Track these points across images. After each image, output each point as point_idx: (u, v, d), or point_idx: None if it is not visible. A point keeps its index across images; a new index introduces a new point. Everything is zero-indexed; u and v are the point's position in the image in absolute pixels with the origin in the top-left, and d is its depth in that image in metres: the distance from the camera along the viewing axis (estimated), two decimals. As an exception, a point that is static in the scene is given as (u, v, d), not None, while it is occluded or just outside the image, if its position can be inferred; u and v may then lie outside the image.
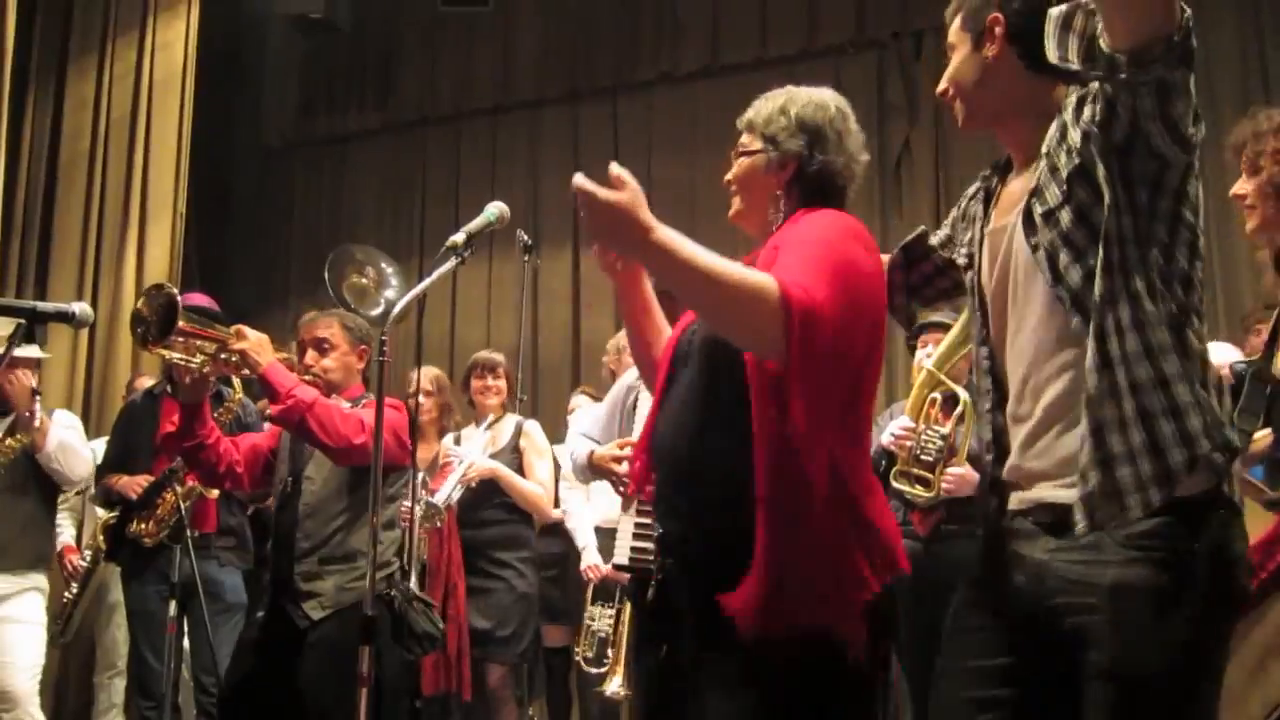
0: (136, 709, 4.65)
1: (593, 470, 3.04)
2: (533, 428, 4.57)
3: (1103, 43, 1.60)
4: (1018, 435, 1.81)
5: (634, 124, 6.99)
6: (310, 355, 3.47)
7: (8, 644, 3.86)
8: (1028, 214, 1.75)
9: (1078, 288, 1.69)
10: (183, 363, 3.16)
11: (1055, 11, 1.69)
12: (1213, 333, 4.90)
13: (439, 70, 7.71)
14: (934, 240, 2.11)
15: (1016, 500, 1.82)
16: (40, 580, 4.02)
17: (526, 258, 5.24)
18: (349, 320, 3.60)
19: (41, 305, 2.56)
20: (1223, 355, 4.02)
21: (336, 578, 3.31)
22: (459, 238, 2.45)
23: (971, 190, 2.01)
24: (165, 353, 3.16)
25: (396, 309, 2.42)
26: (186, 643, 4.29)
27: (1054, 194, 1.71)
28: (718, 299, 1.77)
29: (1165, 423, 1.63)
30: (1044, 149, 1.76)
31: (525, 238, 5.23)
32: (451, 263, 2.45)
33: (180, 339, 3.11)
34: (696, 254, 1.73)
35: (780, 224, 2.05)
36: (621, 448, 2.90)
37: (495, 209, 2.53)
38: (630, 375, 3.49)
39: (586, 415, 3.54)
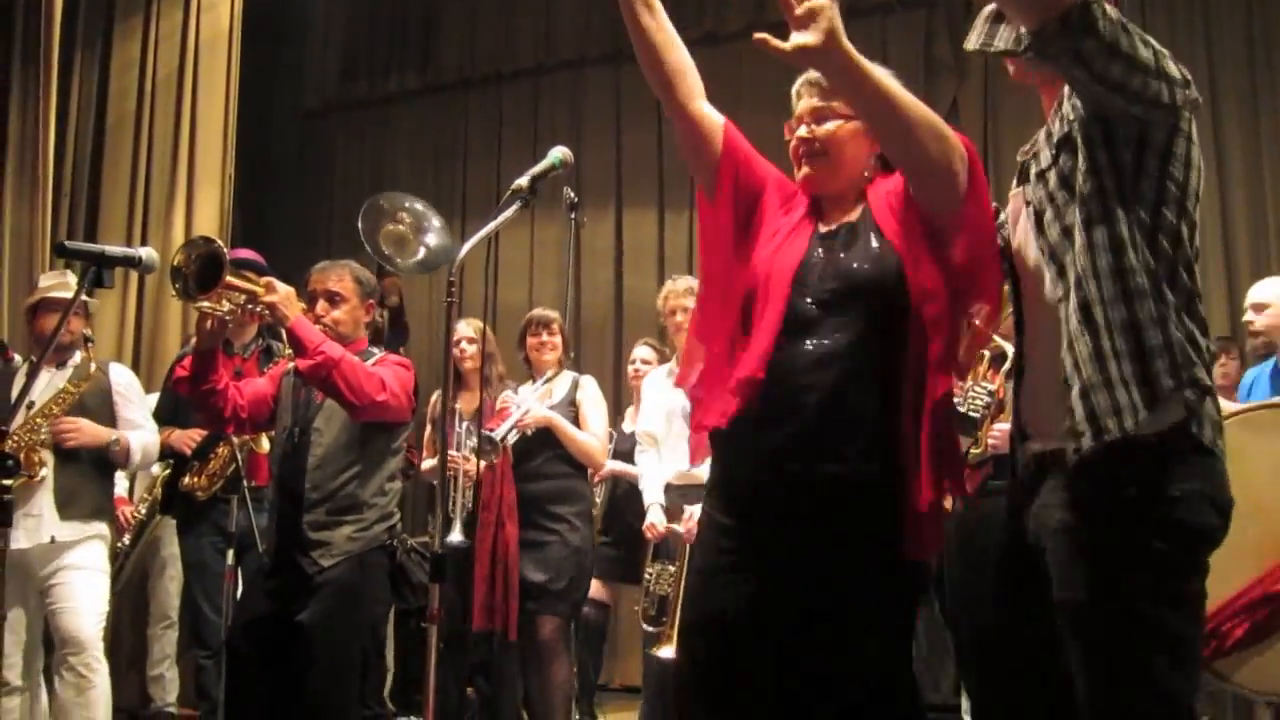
0: (192, 658, 4.73)
1: None
2: (588, 382, 4.60)
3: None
4: (1026, 383, 1.94)
5: (676, 84, 6.94)
6: (321, 305, 3.48)
7: (75, 590, 3.90)
8: (1023, 172, 1.90)
9: (1055, 242, 1.81)
10: (210, 309, 3.18)
11: (988, 10, 1.84)
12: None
13: (480, 31, 7.69)
14: (1001, 218, 2.14)
15: (1023, 453, 1.94)
16: (103, 528, 4.06)
17: (572, 215, 5.23)
18: (360, 274, 3.61)
19: (110, 249, 2.58)
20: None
21: (346, 528, 3.34)
22: (523, 181, 2.46)
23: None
24: (204, 304, 3.16)
25: (464, 250, 2.41)
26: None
27: (1046, 156, 1.86)
28: (909, 114, 1.87)
29: (1129, 363, 1.71)
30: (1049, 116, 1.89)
31: (571, 194, 5.23)
32: (516, 206, 2.46)
33: (219, 290, 3.13)
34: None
35: (867, 185, 2.12)
36: None
37: (559, 152, 2.53)
38: None
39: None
